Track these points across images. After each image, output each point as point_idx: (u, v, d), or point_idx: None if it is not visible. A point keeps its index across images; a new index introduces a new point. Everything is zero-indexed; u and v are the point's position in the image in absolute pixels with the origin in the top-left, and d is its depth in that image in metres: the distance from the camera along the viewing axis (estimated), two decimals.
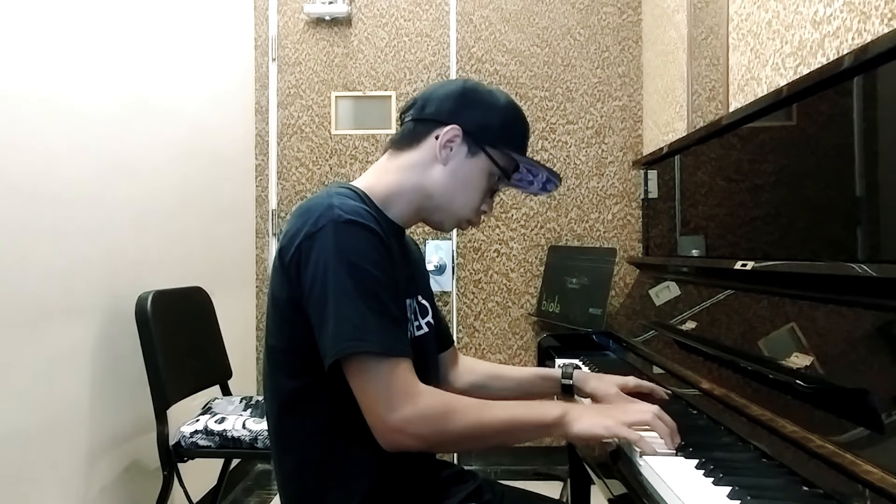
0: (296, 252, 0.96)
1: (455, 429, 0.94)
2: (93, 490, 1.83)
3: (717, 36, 2.11)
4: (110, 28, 1.94)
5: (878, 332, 0.87)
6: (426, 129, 1.09)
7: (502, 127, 1.10)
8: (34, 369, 1.60)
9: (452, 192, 1.10)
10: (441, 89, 1.12)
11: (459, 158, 1.09)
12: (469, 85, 1.12)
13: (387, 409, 0.91)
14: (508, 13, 3.09)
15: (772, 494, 0.76)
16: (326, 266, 0.93)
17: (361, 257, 0.94)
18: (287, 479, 1.06)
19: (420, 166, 1.09)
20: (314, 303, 0.94)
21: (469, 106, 1.09)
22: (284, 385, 1.03)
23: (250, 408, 2.08)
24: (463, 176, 1.09)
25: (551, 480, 2.81)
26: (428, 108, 1.11)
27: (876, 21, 1.28)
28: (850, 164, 1.01)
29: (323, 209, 0.96)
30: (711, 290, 1.38)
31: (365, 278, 0.93)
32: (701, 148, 1.58)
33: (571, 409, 0.97)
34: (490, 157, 1.09)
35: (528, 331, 3.10)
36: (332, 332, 0.91)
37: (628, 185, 3.08)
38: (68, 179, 1.74)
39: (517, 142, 1.13)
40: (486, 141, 1.09)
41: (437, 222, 1.14)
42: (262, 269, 3.14)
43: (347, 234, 0.94)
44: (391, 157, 1.12)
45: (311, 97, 3.14)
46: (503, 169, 1.11)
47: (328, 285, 0.92)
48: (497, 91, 1.14)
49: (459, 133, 1.08)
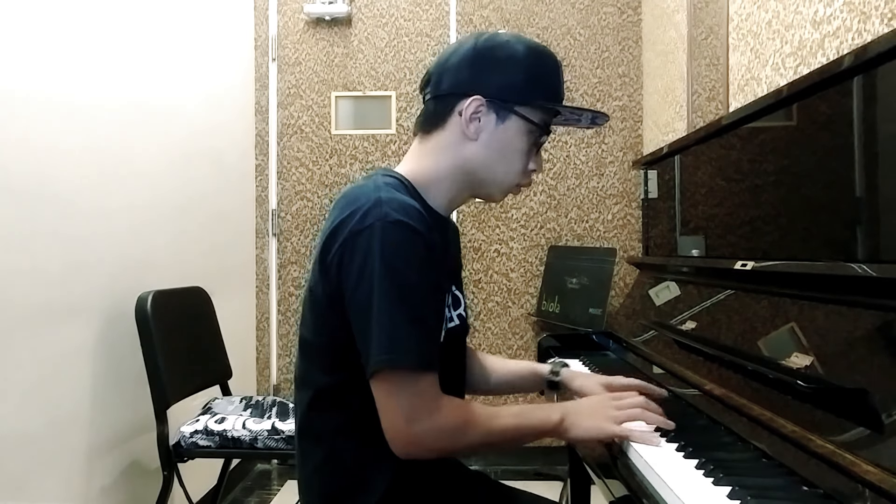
0: (339, 249, 0.94)
1: (468, 441, 0.96)
2: (93, 490, 1.83)
3: (717, 36, 2.11)
4: (110, 28, 1.94)
5: (878, 332, 0.87)
6: (448, 106, 1.03)
7: (528, 81, 1.02)
8: (34, 369, 1.60)
9: (492, 163, 1.04)
10: (454, 56, 1.04)
11: (490, 128, 1.02)
12: (481, 43, 1.03)
13: (407, 422, 0.91)
14: (508, 13, 3.09)
15: (772, 494, 0.76)
16: (372, 271, 0.90)
17: (406, 263, 0.91)
18: (312, 472, 1.05)
19: (452, 146, 1.04)
20: (357, 307, 0.93)
21: (486, 68, 1.02)
22: (316, 378, 1.03)
23: (250, 408, 2.08)
24: (498, 145, 1.03)
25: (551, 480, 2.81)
26: (444, 82, 1.04)
27: (876, 21, 1.28)
28: (850, 164, 1.01)
29: (370, 204, 0.93)
30: (711, 290, 1.38)
31: (407, 285, 0.91)
32: (701, 148, 1.58)
33: (568, 414, 0.99)
34: (523, 117, 1.02)
35: (528, 331, 3.10)
36: (374, 342, 0.91)
37: (628, 185, 3.08)
38: (68, 179, 1.74)
39: (549, 91, 1.05)
40: (515, 101, 1.02)
41: (487, 195, 1.10)
42: (262, 269, 3.14)
43: (394, 237, 0.91)
44: (422, 141, 1.07)
45: (311, 97, 3.14)
46: (540, 125, 1.04)
47: (372, 290, 0.90)
48: (514, 40, 1.04)
49: (483, 102, 1.01)
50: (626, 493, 0.94)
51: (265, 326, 3.15)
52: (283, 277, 3.14)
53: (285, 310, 3.14)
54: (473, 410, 0.97)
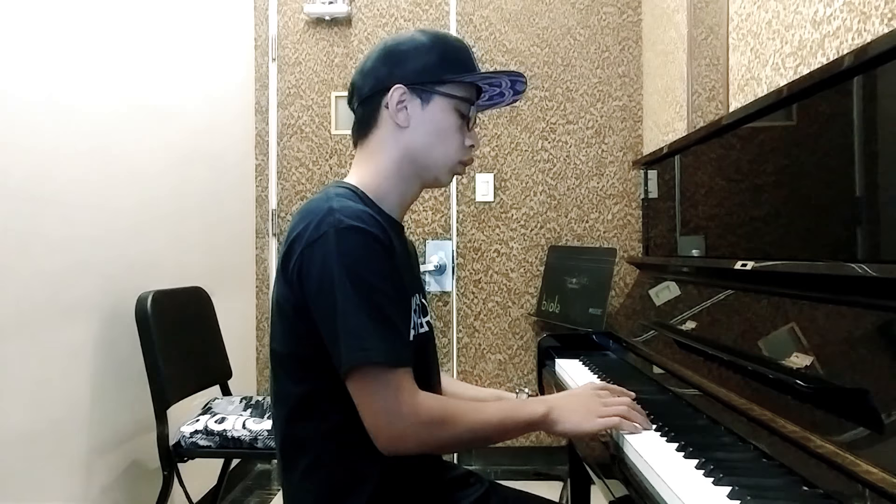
0: (297, 259, 0.96)
1: (453, 434, 0.97)
2: (93, 490, 1.83)
3: (717, 36, 2.11)
4: (110, 29, 1.94)
5: (878, 332, 0.87)
6: (374, 105, 1.09)
7: (440, 60, 1.08)
8: (35, 369, 1.60)
9: (429, 145, 1.09)
10: (368, 61, 1.12)
11: (417, 112, 1.08)
12: (389, 42, 1.12)
13: (389, 419, 0.92)
14: (508, 13, 3.09)
15: (772, 494, 0.76)
16: (331, 277, 0.93)
17: (363, 266, 0.94)
18: (296, 483, 1.05)
19: (389, 140, 1.09)
20: (322, 314, 0.95)
21: (398, 60, 1.08)
22: (291, 390, 1.03)
23: (250, 408, 2.08)
24: (430, 126, 1.08)
25: (551, 480, 2.81)
26: (366, 85, 1.10)
27: (876, 21, 1.28)
28: (850, 164, 1.01)
29: (323, 213, 0.96)
30: (711, 290, 1.38)
31: (367, 287, 0.93)
32: (701, 148, 1.58)
33: (553, 408, 1.01)
34: (445, 94, 1.08)
35: (528, 331, 3.10)
36: (342, 343, 0.92)
37: (628, 185, 3.08)
38: (68, 179, 1.74)
39: (462, 66, 1.10)
40: (433, 81, 1.07)
41: (433, 179, 1.13)
42: (262, 269, 3.14)
43: (349, 242, 0.94)
44: (361, 148, 1.13)
45: (311, 97, 3.14)
46: (464, 99, 1.09)
47: (334, 296, 0.93)
48: (417, 32, 1.12)
49: (404, 89, 1.06)
50: (626, 493, 0.94)
51: (265, 326, 3.14)
52: None
53: None
54: (454, 404, 1.00)
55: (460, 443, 1.01)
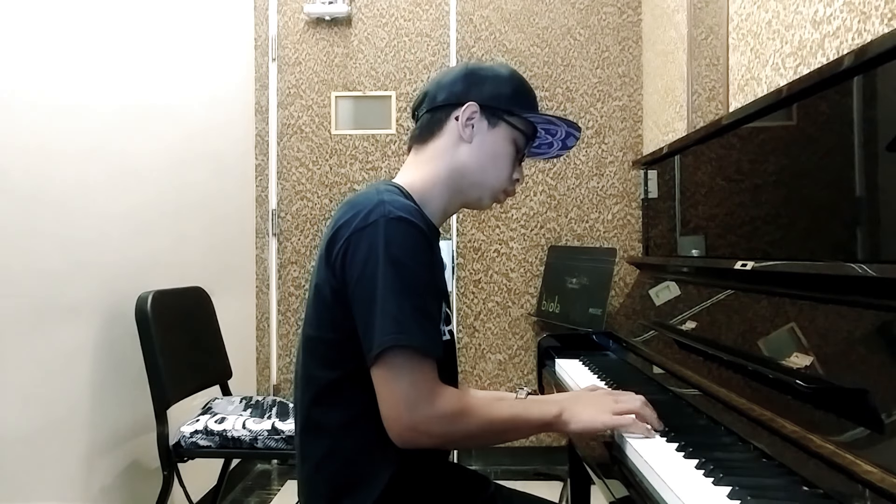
0: (344, 244, 0.98)
1: (466, 429, 0.97)
2: (93, 490, 1.83)
3: (717, 36, 2.11)
4: (110, 29, 1.94)
5: (878, 332, 0.87)
6: (444, 115, 1.14)
7: (513, 93, 1.15)
8: (34, 369, 1.60)
9: (483, 165, 1.14)
10: (447, 76, 1.17)
11: (482, 132, 1.13)
12: (472, 65, 1.19)
13: (407, 406, 0.93)
14: (508, 13, 3.09)
15: (772, 494, 0.76)
16: (376, 262, 0.95)
17: (409, 255, 0.96)
18: (314, 468, 1.06)
19: (448, 151, 1.14)
20: (360, 297, 0.96)
21: (478, 82, 1.15)
22: (319, 375, 1.04)
23: (250, 408, 2.08)
24: (490, 148, 1.14)
25: (551, 480, 2.81)
26: (440, 95, 1.15)
27: (876, 21, 1.28)
28: (850, 164, 1.01)
29: (374, 204, 0.99)
30: (711, 290, 1.38)
31: (411, 276, 0.96)
32: (701, 148, 1.58)
33: (567, 407, 1.01)
34: (510, 124, 1.14)
35: (528, 331, 3.10)
36: (378, 326, 0.93)
37: (628, 185, 3.08)
38: (68, 180, 1.74)
39: (530, 105, 1.17)
40: (503, 109, 1.14)
41: (476, 199, 1.17)
42: (262, 269, 3.14)
43: (397, 231, 0.96)
44: (417, 152, 1.17)
45: (311, 97, 3.14)
46: (524, 133, 1.16)
47: (376, 281, 0.94)
48: (498, 65, 1.21)
49: (477, 108, 1.12)
50: (626, 493, 0.94)
51: (265, 326, 3.15)
52: (283, 277, 3.14)
53: (285, 310, 3.15)
54: (471, 399, 1.01)
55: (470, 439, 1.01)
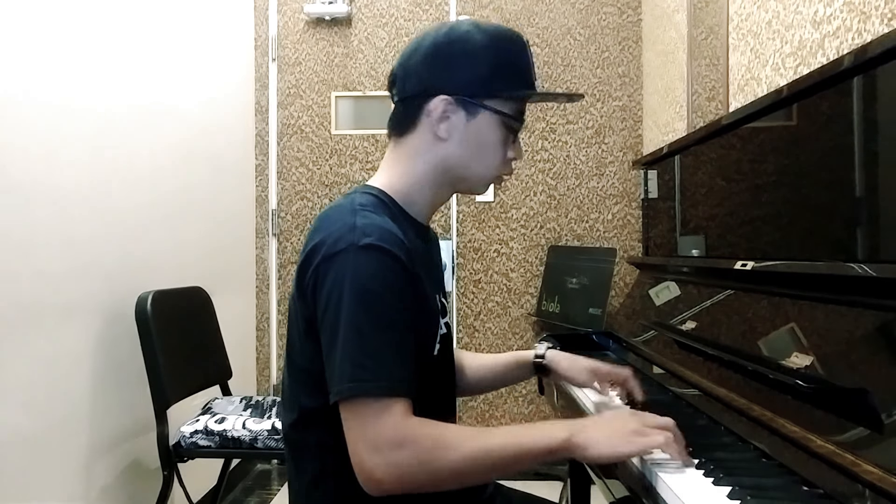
0: (313, 274, 0.91)
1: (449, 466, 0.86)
2: (93, 490, 1.83)
3: (717, 36, 2.11)
4: (110, 29, 1.94)
5: (878, 332, 0.87)
6: (416, 108, 1.01)
7: (493, 72, 0.99)
8: (35, 369, 1.60)
9: (469, 160, 1.02)
10: (415, 54, 1.02)
11: (461, 126, 1.00)
12: (440, 38, 1.00)
13: (370, 453, 0.84)
14: (508, 13, 3.09)
15: (772, 494, 0.76)
16: (341, 295, 0.87)
17: (379, 285, 0.88)
18: (304, 490, 1.02)
19: (426, 148, 1.02)
20: (325, 332, 0.90)
21: (449, 65, 0.99)
22: (299, 400, 0.99)
23: (250, 408, 2.08)
24: (473, 141, 1.01)
25: (551, 480, 2.81)
26: (408, 83, 1.02)
27: (876, 21, 1.28)
28: (850, 164, 1.01)
29: (346, 229, 0.90)
30: (711, 290, 1.38)
31: (380, 308, 0.88)
32: (701, 148, 1.58)
33: (580, 430, 0.87)
34: (493, 110, 1.00)
35: (528, 331, 3.09)
36: (337, 370, 0.87)
37: (628, 185, 3.08)
38: (68, 180, 1.74)
39: (516, 79, 1.02)
40: (482, 95, 0.99)
41: (468, 189, 1.08)
42: (262, 269, 3.14)
43: (368, 261, 0.88)
44: (396, 146, 1.05)
45: (311, 97, 3.14)
46: (512, 115, 1.02)
47: (339, 316, 0.87)
48: (474, 29, 1.00)
49: (450, 101, 0.98)
50: (626, 493, 0.94)
51: (265, 326, 3.15)
52: (283, 277, 3.14)
53: (285, 310, 3.14)
54: (451, 429, 0.89)
55: (459, 476, 0.87)
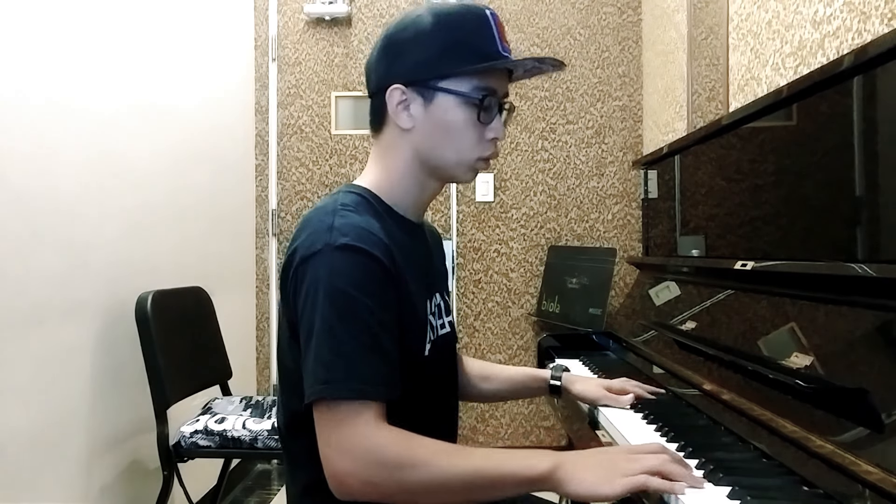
0: (293, 276, 0.91)
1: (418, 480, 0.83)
2: (93, 490, 1.83)
3: (717, 36, 2.11)
4: (110, 30, 1.94)
5: (878, 332, 0.87)
6: (380, 103, 0.99)
7: (443, 51, 0.95)
8: (34, 369, 1.60)
9: (439, 146, 0.98)
10: (374, 51, 1.01)
11: (420, 112, 0.97)
12: (392, 28, 0.99)
13: (338, 457, 0.83)
14: (508, 13, 3.09)
15: (772, 494, 0.76)
16: (316, 296, 0.87)
17: (354, 285, 0.87)
18: (299, 495, 1.02)
19: (397, 141, 1.00)
20: (302, 333, 0.89)
21: (397, 53, 0.97)
22: (288, 403, 0.99)
23: (250, 408, 2.08)
24: (437, 126, 0.97)
25: None
26: (371, 80, 1.01)
27: (876, 21, 1.28)
28: (850, 164, 1.01)
29: (323, 229, 0.90)
30: (711, 290, 1.38)
31: (355, 309, 0.86)
32: (701, 148, 1.58)
33: (564, 463, 0.82)
34: (448, 91, 0.95)
35: (528, 331, 3.10)
36: (310, 373, 0.86)
37: (628, 185, 3.08)
38: (68, 180, 1.74)
39: (473, 53, 0.95)
40: (434, 76, 0.95)
41: (451, 177, 1.03)
42: (262, 269, 3.14)
43: (344, 261, 0.87)
44: (375, 143, 1.04)
45: (311, 97, 3.14)
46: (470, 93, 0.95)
47: (314, 317, 0.86)
48: (425, 12, 0.97)
49: (402, 89, 0.96)
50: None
51: (265, 326, 3.15)
52: None
53: None
54: (426, 444, 0.85)
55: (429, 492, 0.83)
